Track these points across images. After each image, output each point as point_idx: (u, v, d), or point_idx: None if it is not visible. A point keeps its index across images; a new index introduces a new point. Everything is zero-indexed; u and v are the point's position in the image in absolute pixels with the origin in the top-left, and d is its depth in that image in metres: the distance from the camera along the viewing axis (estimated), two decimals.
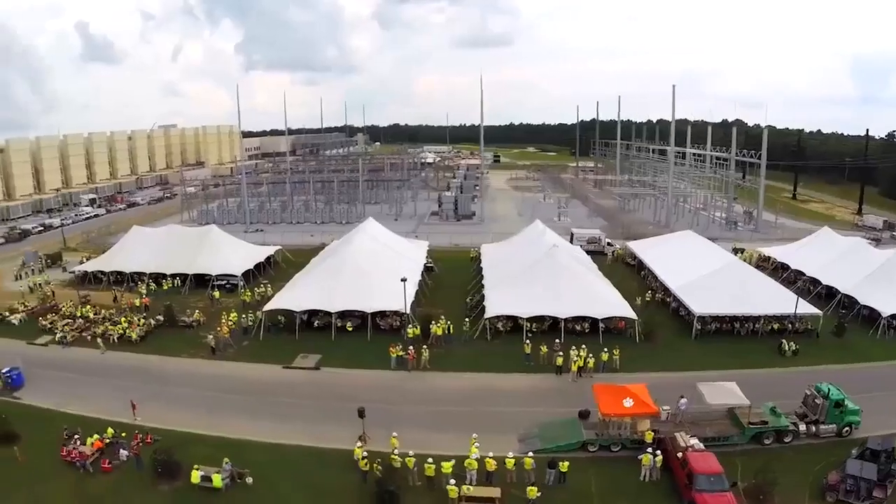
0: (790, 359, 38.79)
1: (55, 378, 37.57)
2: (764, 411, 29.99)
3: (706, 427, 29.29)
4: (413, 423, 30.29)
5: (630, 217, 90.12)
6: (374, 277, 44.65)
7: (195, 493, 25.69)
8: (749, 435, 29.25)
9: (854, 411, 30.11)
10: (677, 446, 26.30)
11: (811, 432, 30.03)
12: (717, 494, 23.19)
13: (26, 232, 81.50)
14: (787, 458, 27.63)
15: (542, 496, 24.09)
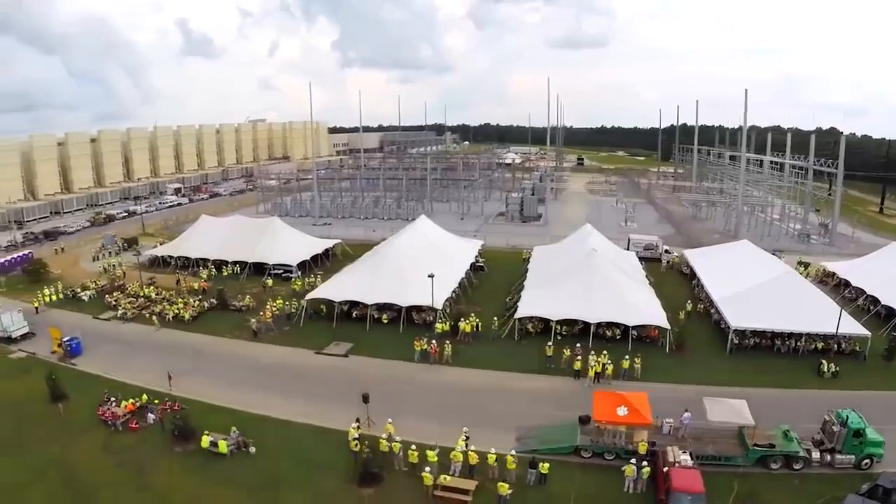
0: (829, 381, 37.34)
1: (110, 349, 42.78)
2: (775, 434, 29.10)
3: (709, 444, 28.87)
4: (419, 413, 32.06)
5: (700, 225, 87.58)
6: (412, 273, 46.72)
7: (203, 457, 28.89)
8: (754, 457, 28.44)
9: (876, 443, 28.67)
10: (666, 461, 26.27)
11: (825, 461, 28.84)
12: None
13: (111, 217, 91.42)
14: (793, 486, 27.17)
15: (520, 496, 24.99)
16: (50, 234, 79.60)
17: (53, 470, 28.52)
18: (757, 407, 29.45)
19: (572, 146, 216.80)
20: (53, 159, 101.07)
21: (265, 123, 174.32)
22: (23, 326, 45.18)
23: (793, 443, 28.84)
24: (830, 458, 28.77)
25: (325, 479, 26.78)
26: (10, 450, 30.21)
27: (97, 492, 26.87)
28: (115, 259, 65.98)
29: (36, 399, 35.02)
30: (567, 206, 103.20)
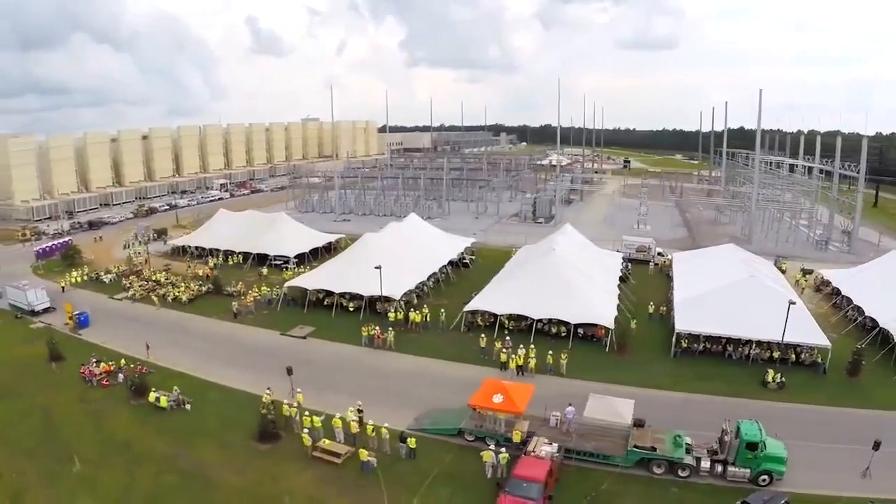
0: (773, 392, 38.18)
1: (114, 324, 51.44)
2: (664, 438, 29.73)
3: (592, 441, 30.35)
4: (339, 389, 37.86)
5: (717, 229, 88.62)
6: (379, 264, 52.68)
7: (150, 409, 36.20)
8: (633, 459, 29.21)
9: (776, 458, 28.13)
10: (527, 450, 28.60)
11: (716, 472, 28.80)
12: (520, 500, 25.01)
13: (154, 209, 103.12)
14: (669, 493, 28.14)
15: (391, 466, 29.81)
16: (94, 224, 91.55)
17: (36, 412, 36.64)
18: (685, 412, 32.52)
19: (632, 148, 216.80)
20: (106, 155, 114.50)
21: (316, 122, 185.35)
22: (45, 301, 54.71)
23: (679, 449, 28.96)
24: (722, 470, 28.66)
25: (236, 434, 33.17)
26: (7, 396, 38.73)
27: (63, 429, 34.64)
28: (141, 247, 75.86)
29: (39, 359, 43.73)
30: (589, 207, 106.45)
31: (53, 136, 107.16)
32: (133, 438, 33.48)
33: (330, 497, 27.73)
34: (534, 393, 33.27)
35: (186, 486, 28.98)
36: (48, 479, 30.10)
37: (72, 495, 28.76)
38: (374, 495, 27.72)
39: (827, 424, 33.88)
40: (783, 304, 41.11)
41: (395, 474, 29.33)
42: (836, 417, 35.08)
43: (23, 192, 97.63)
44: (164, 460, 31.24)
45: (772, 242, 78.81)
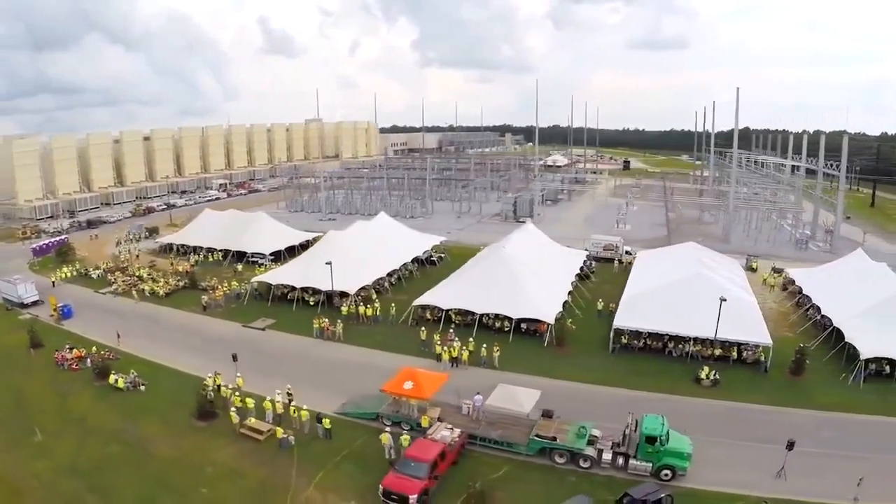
0: (706, 389, 39.63)
1: (95, 315, 56.24)
2: (569, 429, 31.34)
3: (499, 429, 32.42)
4: (281, 375, 41.34)
5: (699, 228, 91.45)
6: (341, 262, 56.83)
7: (109, 390, 40.72)
8: (534, 448, 30.92)
9: (678, 454, 28.98)
10: (428, 434, 31.14)
11: (617, 464, 29.94)
12: (406, 478, 27.40)
13: (151, 209, 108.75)
14: (567, 482, 29.79)
15: (309, 444, 33.45)
16: (92, 223, 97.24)
17: (10, 391, 41.38)
18: (610, 406, 34.09)
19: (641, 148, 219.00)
20: (108, 156, 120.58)
21: (318, 123, 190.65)
22: (34, 295, 59.76)
23: (581, 440, 30.42)
24: (624, 463, 29.73)
25: (179, 412, 37.36)
26: None
27: (31, 406, 39.29)
28: (132, 245, 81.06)
29: (21, 346, 48.56)
30: (575, 207, 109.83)
31: (57, 137, 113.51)
32: (90, 414, 38.06)
33: (247, 468, 31.84)
34: (467, 384, 36.61)
35: (126, 456, 33.36)
36: (12, 446, 34.67)
37: (30, 460, 33.26)
38: (285, 468, 31.61)
39: (752, 423, 34.92)
40: (729, 302, 43.18)
41: (309, 451, 33.14)
42: (764, 416, 36.17)
43: (26, 191, 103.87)
44: (112, 433, 35.69)
45: (751, 241, 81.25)
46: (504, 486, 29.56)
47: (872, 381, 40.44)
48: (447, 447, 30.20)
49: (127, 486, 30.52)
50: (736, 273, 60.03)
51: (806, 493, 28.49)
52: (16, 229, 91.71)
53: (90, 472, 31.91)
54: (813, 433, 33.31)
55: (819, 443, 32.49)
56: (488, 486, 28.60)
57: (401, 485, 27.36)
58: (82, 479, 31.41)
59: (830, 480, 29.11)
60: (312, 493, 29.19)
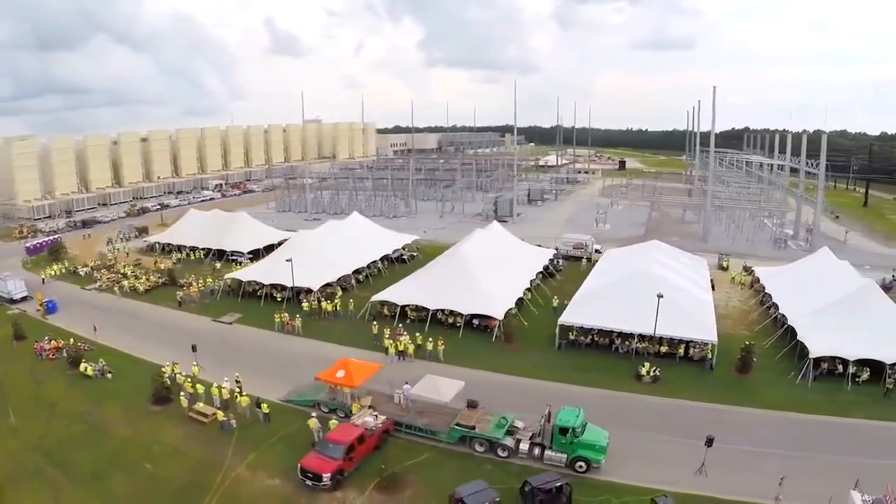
0: (647, 385, 41.45)
1: (78, 310, 60.51)
2: (490, 419, 33.48)
3: (424, 417, 35.07)
4: (239, 365, 45.01)
5: (678, 228, 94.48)
6: (308, 259, 60.82)
7: (80, 377, 44.83)
8: (455, 436, 33.15)
9: (593, 447, 30.56)
10: (353, 419, 34.23)
11: (534, 455, 31.63)
12: (323, 458, 30.29)
13: (145, 209, 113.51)
14: (474, 469, 31.55)
15: (249, 427, 37.04)
16: (87, 223, 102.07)
17: None
18: (545, 400, 34.97)
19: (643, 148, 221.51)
20: (105, 157, 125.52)
21: (315, 124, 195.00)
22: (22, 291, 64.25)
23: (500, 430, 32.32)
24: (540, 453, 31.42)
25: (139, 398, 41.26)
26: None
27: (8, 391, 43.36)
28: (120, 244, 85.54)
29: (5, 339, 52.89)
30: (559, 206, 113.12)
31: (55, 138, 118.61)
32: (59, 399, 42.24)
33: (189, 448, 35.65)
34: (409, 376, 39.41)
35: (87, 436, 37.40)
36: None
37: (2, 440, 37.39)
38: (223, 448, 35.22)
39: (686, 420, 36.29)
40: (678, 299, 46.25)
41: (247, 434, 36.77)
42: (701, 413, 37.45)
43: (25, 192, 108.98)
44: (77, 416, 39.77)
45: (730, 241, 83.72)
46: (420, 471, 32.03)
47: (824, 380, 41.74)
48: (367, 432, 33.35)
49: (83, 462, 34.49)
50: (699, 272, 62.44)
51: (725, 490, 29.56)
52: (13, 229, 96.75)
53: (53, 450, 35.92)
54: (747, 431, 35.10)
55: (752, 441, 34.02)
56: (406, 471, 31.77)
57: (316, 464, 30.46)
58: (46, 456, 35.36)
59: (754, 478, 30.10)
60: (242, 471, 32.94)
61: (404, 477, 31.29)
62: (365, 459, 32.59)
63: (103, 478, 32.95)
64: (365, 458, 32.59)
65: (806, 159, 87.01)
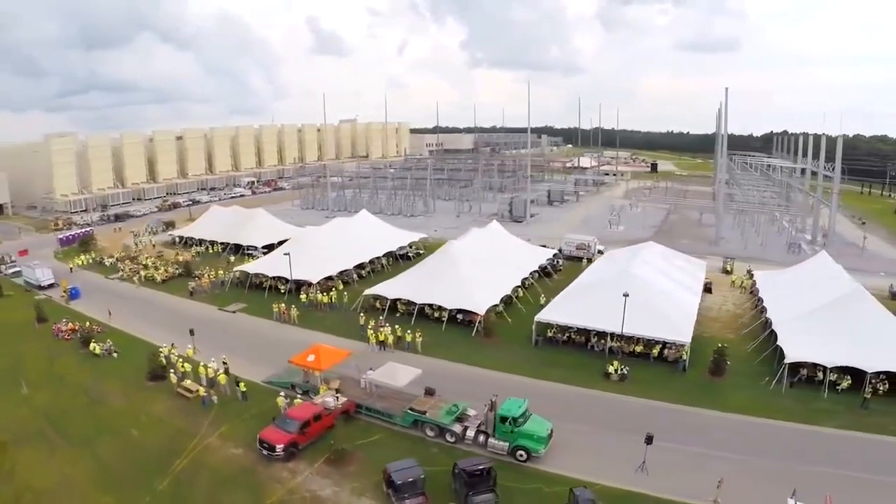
0: (613, 383, 43.30)
1: (99, 297, 66.46)
2: (444, 406, 36.39)
3: (384, 402, 38.56)
4: (231, 350, 49.49)
5: (692, 230, 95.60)
6: (310, 254, 65.46)
7: (89, 356, 50.25)
8: (408, 420, 36.16)
9: (532, 437, 32.71)
10: (314, 399, 38.53)
11: (479, 442, 34.19)
12: (279, 431, 34.34)
13: (176, 204, 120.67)
14: (421, 451, 34.38)
15: (229, 404, 41.34)
16: (120, 217, 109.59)
17: (12, 355, 51.25)
18: (509, 392, 37.29)
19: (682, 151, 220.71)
20: (141, 154, 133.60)
21: (349, 123, 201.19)
22: (50, 278, 70.79)
23: (449, 416, 34.97)
24: (484, 441, 33.89)
25: (138, 375, 46.08)
26: (6, 344, 53.43)
27: (26, 366, 48.94)
28: (147, 237, 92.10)
29: (29, 321, 59.02)
30: (578, 207, 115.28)
31: (92, 136, 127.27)
32: (68, 374, 47.61)
33: (172, 419, 40.16)
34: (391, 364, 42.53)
35: (86, 405, 42.46)
36: (2, 396, 44.22)
37: (14, 407, 42.64)
38: (201, 420, 39.58)
39: (642, 418, 37.16)
40: (655, 300, 48.22)
41: (225, 409, 41.10)
42: (660, 413, 38.88)
43: (63, 187, 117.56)
44: (81, 389, 44.95)
45: (742, 245, 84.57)
46: (370, 449, 35.32)
47: (802, 386, 42.30)
48: (324, 411, 37.22)
49: (79, 427, 39.40)
50: (693, 275, 63.76)
51: (662, 489, 30.73)
52: (50, 221, 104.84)
53: (55, 417, 41.03)
54: (703, 433, 36.43)
55: (705, 442, 35.29)
56: (357, 448, 35.27)
57: (273, 436, 34.45)
58: (49, 421, 40.48)
59: (695, 480, 30.92)
60: (213, 441, 37.25)
61: (353, 454, 34.76)
62: (320, 436, 36.32)
63: (93, 441, 37.70)
64: (320, 435, 36.31)
65: (826, 163, 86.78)
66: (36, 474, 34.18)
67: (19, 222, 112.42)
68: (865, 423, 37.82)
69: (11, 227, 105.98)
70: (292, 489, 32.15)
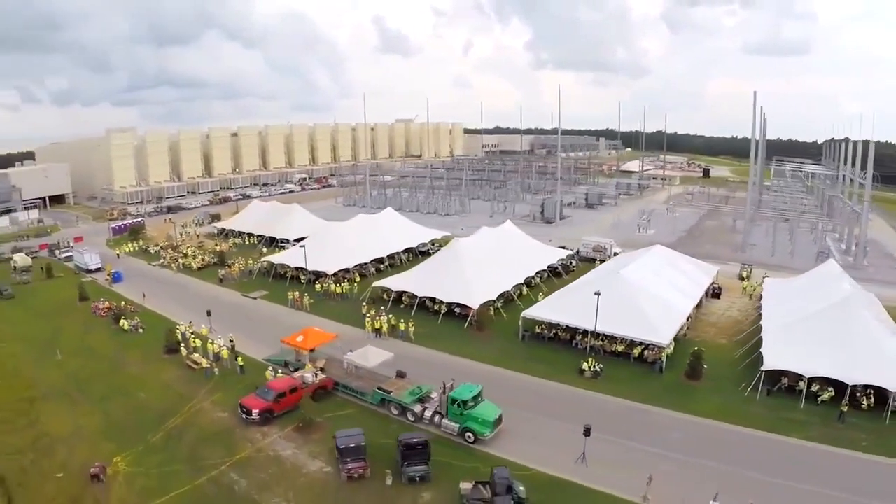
0: (586, 380, 45.91)
1: (139, 281, 74.58)
2: (409, 388, 40.78)
3: (359, 381, 43.61)
4: (244, 331, 55.65)
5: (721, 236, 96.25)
6: (329, 247, 71.50)
7: (119, 331, 57.60)
8: (377, 398, 40.80)
9: (479, 420, 36.33)
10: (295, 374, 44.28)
11: (433, 421, 38.30)
12: (258, 398, 39.78)
13: (227, 198, 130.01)
14: (382, 426, 38.89)
15: (229, 376, 47.16)
16: (172, 209, 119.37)
17: (53, 327, 59.43)
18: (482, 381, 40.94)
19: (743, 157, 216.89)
20: (197, 149, 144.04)
21: (403, 123, 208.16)
22: (97, 263, 79.63)
23: (411, 397, 39.19)
24: (437, 421, 37.99)
25: (156, 348, 53.01)
26: (42, 318, 62.32)
27: (63, 337, 56.69)
28: (192, 228, 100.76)
29: (73, 299, 67.45)
30: (614, 211, 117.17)
31: (150, 132, 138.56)
32: (98, 345, 54.98)
33: (176, 386, 46.48)
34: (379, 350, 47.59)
35: (108, 372, 49.38)
36: (40, 362, 51.68)
37: (48, 370, 50.02)
38: (200, 388, 45.71)
39: (601, 413, 39.93)
40: (639, 301, 50.76)
41: (224, 380, 47.07)
42: (621, 410, 41.67)
43: (121, 179, 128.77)
44: (105, 358, 52.08)
45: (767, 253, 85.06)
46: (338, 421, 39.44)
47: (781, 396, 43.18)
48: (301, 385, 42.64)
49: (98, 389, 46.21)
50: (698, 279, 65.31)
51: (597, 481, 33.20)
52: (107, 211, 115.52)
53: (82, 380, 48.09)
54: (660, 433, 38.33)
55: (658, 442, 37.15)
56: (327, 420, 40.09)
57: (251, 403, 40.12)
58: (75, 383, 47.53)
59: (633, 476, 32.66)
60: (205, 405, 43.20)
61: (320, 423, 39.81)
62: (294, 406, 41.39)
63: (107, 400, 44.35)
64: (294, 405, 41.40)
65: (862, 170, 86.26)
66: (54, 424, 40.98)
67: (79, 211, 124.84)
68: (836, 437, 38.18)
69: (70, 216, 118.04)
70: (260, 448, 37.54)
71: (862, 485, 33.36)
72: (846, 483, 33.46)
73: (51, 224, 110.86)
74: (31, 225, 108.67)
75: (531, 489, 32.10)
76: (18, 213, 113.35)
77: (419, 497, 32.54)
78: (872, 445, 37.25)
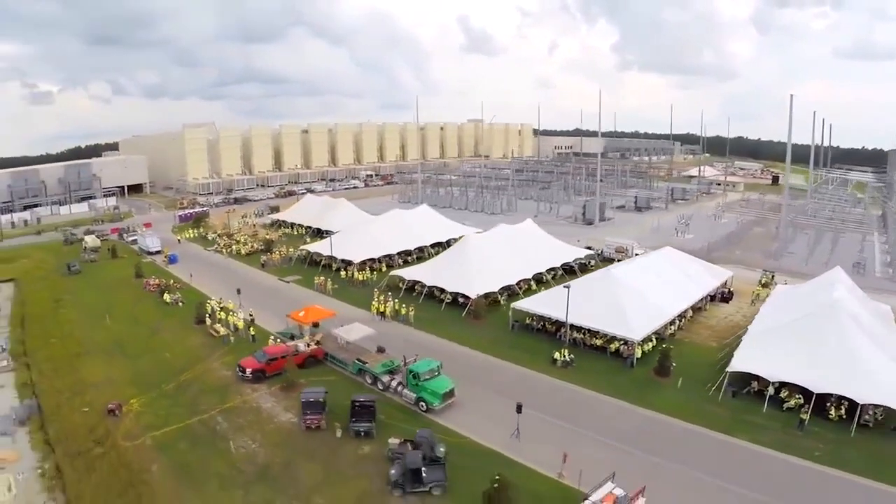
0: (557, 369, 49.69)
1: (192, 263, 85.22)
2: (385, 361, 46.92)
3: (346, 353, 50.17)
4: (268, 308, 64.25)
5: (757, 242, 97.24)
6: (359, 238, 79.63)
7: (162, 303, 67.65)
8: (356, 368, 47.41)
9: (432, 392, 41.91)
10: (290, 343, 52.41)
11: (397, 391, 44.36)
12: (253, 360, 47.69)
13: (292, 192, 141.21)
14: (355, 391, 43.86)
15: (242, 344, 55.24)
16: (238, 200, 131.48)
17: (109, 298, 70.33)
18: (460, 361, 49.37)
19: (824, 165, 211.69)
20: (268, 145, 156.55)
21: (472, 123, 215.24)
22: (157, 245, 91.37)
23: (382, 368, 45.61)
24: (399, 390, 44.06)
25: (190, 318, 62.05)
26: (104, 290, 73.62)
27: (116, 307, 67.21)
28: (251, 219, 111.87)
29: (129, 276, 78.70)
30: (661, 215, 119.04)
31: (224, 128, 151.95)
32: (141, 315, 65.12)
33: (197, 349, 55.35)
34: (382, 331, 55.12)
35: (145, 336, 58.91)
36: (92, 325, 62.24)
37: (97, 332, 60.29)
38: (215, 351, 54.25)
39: (556, 398, 44.84)
40: (625, 298, 54.17)
41: (237, 346, 55.29)
42: (579, 398, 45.39)
43: (195, 171, 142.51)
44: (147, 325, 61.94)
45: (801, 262, 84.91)
46: (320, 384, 45.13)
47: (746, 399, 44.47)
48: (291, 352, 50.58)
49: (133, 349, 55.79)
50: (703, 282, 67.14)
51: (520, 454, 37.31)
52: (178, 201, 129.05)
53: (124, 341, 57.84)
54: (605, 421, 41.57)
55: (599, 429, 40.52)
56: (309, 384, 46.60)
57: (247, 363, 48.47)
58: (118, 343, 57.38)
59: (557, 455, 35.83)
60: (214, 364, 51.84)
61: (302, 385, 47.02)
62: (283, 370, 48.87)
63: (139, 357, 53.79)
64: (283, 369, 48.89)
65: None
66: (91, 374, 50.65)
67: (154, 200, 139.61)
68: (789, 444, 38.83)
69: (144, 204, 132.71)
70: (246, 400, 45.55)
71: (784, 490, 34.28)
72: (767, 486, 34.52)
73: (125, 211, 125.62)
74: (108, 211, 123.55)
75: (459, 454, 36.97)
76: (97, 200, 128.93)
77: (360, 448, 39.08)
78: (825, 455, 37.59)
